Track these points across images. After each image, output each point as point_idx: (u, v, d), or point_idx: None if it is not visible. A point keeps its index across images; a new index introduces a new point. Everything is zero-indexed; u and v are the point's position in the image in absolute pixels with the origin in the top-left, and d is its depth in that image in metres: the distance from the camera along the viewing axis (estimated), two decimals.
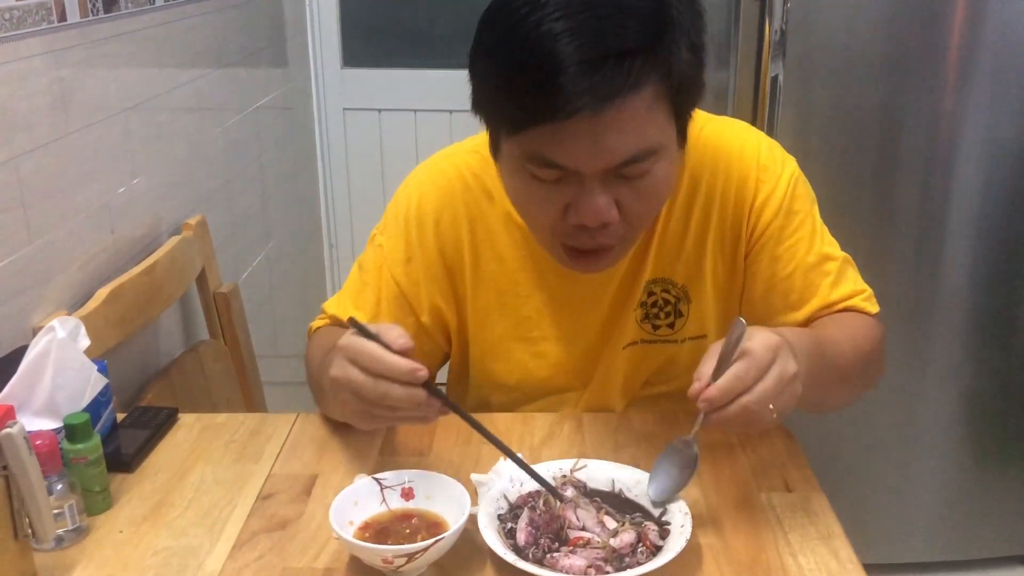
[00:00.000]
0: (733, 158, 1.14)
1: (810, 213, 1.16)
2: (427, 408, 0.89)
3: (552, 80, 0.88)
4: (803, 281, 1.15)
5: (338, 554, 0.93)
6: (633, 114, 0.91)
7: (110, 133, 1.51)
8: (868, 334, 1.14)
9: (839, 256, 1.17)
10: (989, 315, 2.09)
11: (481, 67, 0.99)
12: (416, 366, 0.88)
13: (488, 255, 1.18)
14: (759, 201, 1.13)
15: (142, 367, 1.60)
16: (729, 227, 1.15)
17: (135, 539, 0.96)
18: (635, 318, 1.18)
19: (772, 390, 0.86)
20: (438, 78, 2.83)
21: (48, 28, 1.33)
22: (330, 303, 1.23)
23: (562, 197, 0.98)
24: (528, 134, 0.94)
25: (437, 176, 1.19)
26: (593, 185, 0.96)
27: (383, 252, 1.19)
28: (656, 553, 0.88)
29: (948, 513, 2.23)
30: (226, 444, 1.14)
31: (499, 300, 1.19)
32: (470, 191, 1.17)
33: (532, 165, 0.96)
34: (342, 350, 0.91)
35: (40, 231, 1.31)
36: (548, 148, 0.94)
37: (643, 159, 0.95)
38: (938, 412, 2.16)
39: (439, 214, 1.17)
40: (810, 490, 1.03)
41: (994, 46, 1.90)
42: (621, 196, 0.97)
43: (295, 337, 2.69)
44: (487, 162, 1.13)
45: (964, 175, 1.98)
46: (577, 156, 0.93)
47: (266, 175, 2.34)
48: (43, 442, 0.93)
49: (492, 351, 1.21)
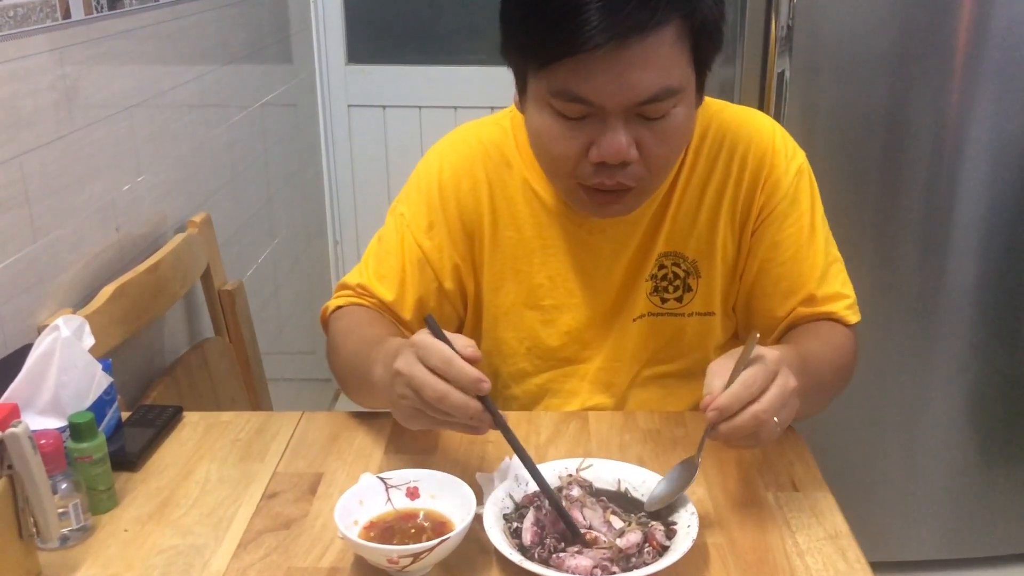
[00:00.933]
0: (753, 139, 1.17)
1: (813, 207, 1.19)
2: (479, 420, 0.90)
3: (577, 14, 0.92)
4: (794, 271, 1.18)
5: (343, 553, 0.93)
6: (656, 51, 0.95)
7: (114, 130, 1.50)
8: (845, 348, 1.17)
9: (833, 255, 1.20)
10: (995, 313, 2.08)
11: (509, 9, 1.02)
12: (482, 377, 0.88)
13: (506, 221, 1.20)
14: (771, 181, 1.17)
15: (147, 365, 1.60)
16: (741, 204, 1.18)
17: (140, 538, 0.96)
18: (645, 290, 1.20)
19: (778, 400, 0.89)
20: (443, 74, 2.82)
21: (52, 25, 1.32)
22: (351, 275, 1.24)
23: (585, 135, 1.01)
24: (554, 69, 0.97)
25: (459, 144, 1.23)
26: (616, 122, 0.99)
27: (405, 220, 1.21)
28: (663, 553, 0.88)
29: (955, 511, 2.23)
30: (231, 443, 1.14)
31: (514, 267, 1.21)
32: (490, 159, 1.20)
33: (558, 101, 1.00)
34: (414, 346, 0.91)
35: (45, 229, 1.30)
36: (573, 82, 0.97)
37: (664, 98, 0.98)
38: (944, 410, 2.15)
39: (459, 180, 1.20)
40: (817, 489, 1.02)
41: (1001, 43, 1.89)
42: (641, 137, 1.01)
43: (300, 334, 2.70)
44: (507, 133, 1.20)
45: (970, 172, 1.97)
46: (601, 90, 0.97)
47: (271, 172, 2.34)
48: (48, 441, 0.93)
49: (504, 318, 1.23)
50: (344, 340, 1.16)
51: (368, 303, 1.21)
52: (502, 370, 1.26)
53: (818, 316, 1.19)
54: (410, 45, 2.87)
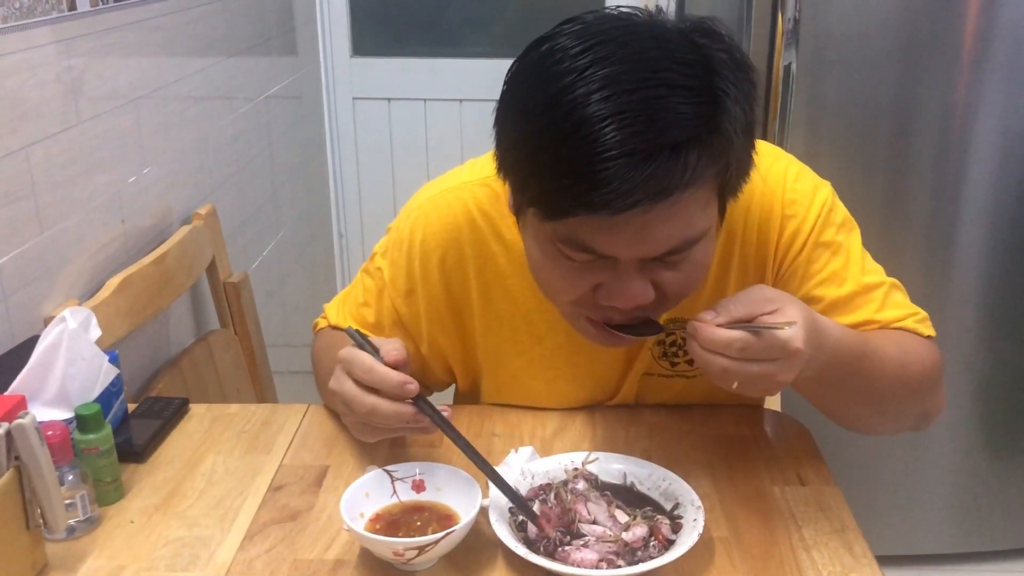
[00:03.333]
0: (755, 192, 1.03)
1: (845, 243, 1.06)
2: (416, 423, 0.89)
3: (601, 171, 0.79)
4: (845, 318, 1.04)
5: (349, 546, 0.93)
6: (685, 207, 0.84)
7: (120, 122, 1.50)
8: (920, 356, 1.03)
9: (885, 282, 1.08)
10: (1002, 307, 2.08)
11: (512, 134, 0.88)
12: (406, 379, 0.87)
13: (499, 295, 1.11)
14: (785, 239, 1.05)
15: (153, 357, 1.60)
16: (752, 266, 1.07)
17: (146, 529, 0.96)
18: (653, 355, 1.14)
19: (747, 377, 0.85)
20: (448, 67, 2.81)
21: (58, 17, 1.32)
22: (331, 305, 1.22)
23: (593, 277, 0.90)
24: (565, 221, 0.85)
25: (444, 212, 1.10)
26: (629, 269, 0.88)
27: (384, 278, 1.14)
28: (668, 547, 0.87)
29: (961, 505, 2.22)
30: (237, 435, 1.14)
31: (513, 339, 1.13)
32: (478, 230, 1.09)
33: (565, 247, 0.88)
34: (341, 362, 0.91)
35: (51, 221, 1.30)
36: (586, 235, 0.86)
37: (685, 249, 0.88)
38: (951, 404, 2.12)
39: (444, 252, 1.10)
40: (823, 484, 1.02)
41: (1009, 36, 1.87)
42: (659, 277, 0.90)
43: (305, 326, 2.69)
44: (497, 198, 1.07)
45: (977, 165, 1.97)
46: (618, 247, 0.86)
47: (276, 164, 2.34)
48: (54, 432, 0.93)
49: (505, 387, 1.18)
50: (318, 361, 1.16)
51: None
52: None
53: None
54: (415, 38, 2.86)
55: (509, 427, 1.14)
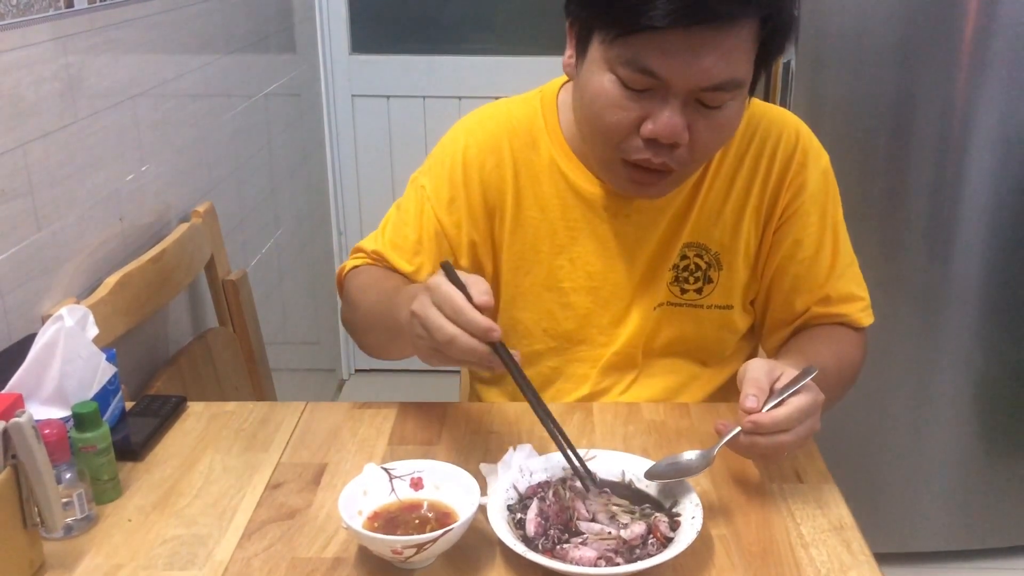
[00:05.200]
0: (783, 136, 1.18)
1: (835, 208, 1.21)
2: (489, 361, 0.90)
3: None
4: (812, 270, 1.20)
5: (347, 544, 0.93)
6: (733, 42, 0.97)
7: (118, 120, 1.50)
8: (853, 358, 1.20)
9: (849, 256, 1.22)
10: (1001, 304, 2.08)
11: None
12: (492, 326, 0.89)
13: (529, 201, 1.20)
14: (798, 180, 1.18)
15: (151, 355, 1.60)
16: (767, 200, 1.18)
17: (144, 528, 0.96)
18: (666, 280, 1.20)
19: (802, 439, 0.95)
20: (447, 64, 2.81)
21: (56, 14, 1.32)
22: (367, 240, 1.25)
23: (641, 108, 1.01)
24: (631, 39, 0.97)
25: (486, 120, 1.22)
26: (676, 102, 1.00)
27: (425, 193, 1.21)
28: (667, 545, 0.87)
29: (959, 503, 2.22)
30: (235, 433, 1.14)
31: (534, 247, 1.21)
32: (517, 137, 1.20)
33: (626, 70, 1.00)
34: (429, 290, 0.92)
35: (49, 219, 1.30)
36: (648, 55, 0.98)
37: (728, 89, 1.00)
38: (950, 401, 2.14)
39: (484, 157, 1.20)
40: (822, 481, 1.02)
41: (1009, 33, 1.87)
42: (694, 122, 1.01)
43: (304, 324, 2.70)
44: (536, 112, 1.20)
45: (977, 163, 1.97)
46: (673, 67, 0.97)
47: (275, 162, 2.34)
48: (52, 431, 0.93)
49: (522, 298, 1.23)
50: (363, 295, 1.17)
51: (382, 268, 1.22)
52: (518, 349, 1.25)
53: (832, 317, 1.20)
54: (414, 35, 2.86)
55: (507, 424, 1.14)
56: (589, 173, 1.18)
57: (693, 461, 0.95)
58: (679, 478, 0.95)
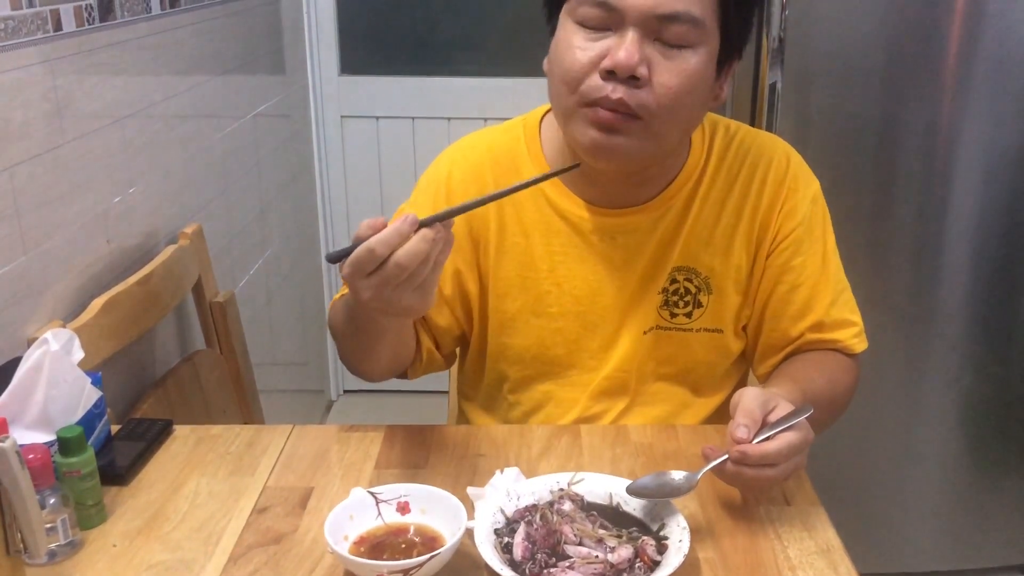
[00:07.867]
0: (773, 161, 1.19)
1: (826, 234, 1.22)
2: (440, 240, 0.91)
3: None
4: (806, 296, 1.20)
5: (333, 568, 0.92)
6: None
7: (106, 142, 1.50)
8: (845, 385, 1.20)
9: (842, 283, 1.23)
10: (988, 323, 2.09)
11: None
12: (401, 218, 0.91)
13: (513, 228, 1.21)
14: (788, 206, 1.19)
15: (137, 378, 1.59)
16: (759, 225, 1.19)
17: (129, 553, 0.96)
18: (655, 304, 1.20)
19: (787, 476, 0.95)
20: (436, 85, 2.82)
21: (44, 37, 1.32)
22: None
23: (601, 47, 1.04)
24: None
25: (468, 150, 1.25)
26: (634, 35, 1.02)
27: None
28: (654, 568, 0.87)
29: (947, 522, 2.23)
30: (221, 456, 1.13)
31: (520, 273, 1.21)
32: (500, 165, 1.21)
33: (583, 8, 1.04)
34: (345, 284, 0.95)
35: (35, 241, 1.30)
36: None
37: (685, 22, 1.02)
38: (937, 420, 2.15)
39: (468, 185, 1.21)
40: (809, 504, 1.02)
41: (992, 54, 1.89)
42: (653, 61, 1.03)
43: (292, 345, 2.69)
44: (519, 140, 1.22)
45: (962, 183, 1.98)
46: None
47: (264, 183, 2.34)
48: (36, 456, 0.92)
49: (511, 324, 1.23)
50: (337, 323, 1.18)
51: None
52: (509, 374, 1.26)
53: (825, 343, 1.21)
54: (403, 56, 2.87)
55: (495, 448, 1.14)
56: (574, 196, 1.19)
57: (677, 482, 0.95)
58: (662, 498, 0.95)
